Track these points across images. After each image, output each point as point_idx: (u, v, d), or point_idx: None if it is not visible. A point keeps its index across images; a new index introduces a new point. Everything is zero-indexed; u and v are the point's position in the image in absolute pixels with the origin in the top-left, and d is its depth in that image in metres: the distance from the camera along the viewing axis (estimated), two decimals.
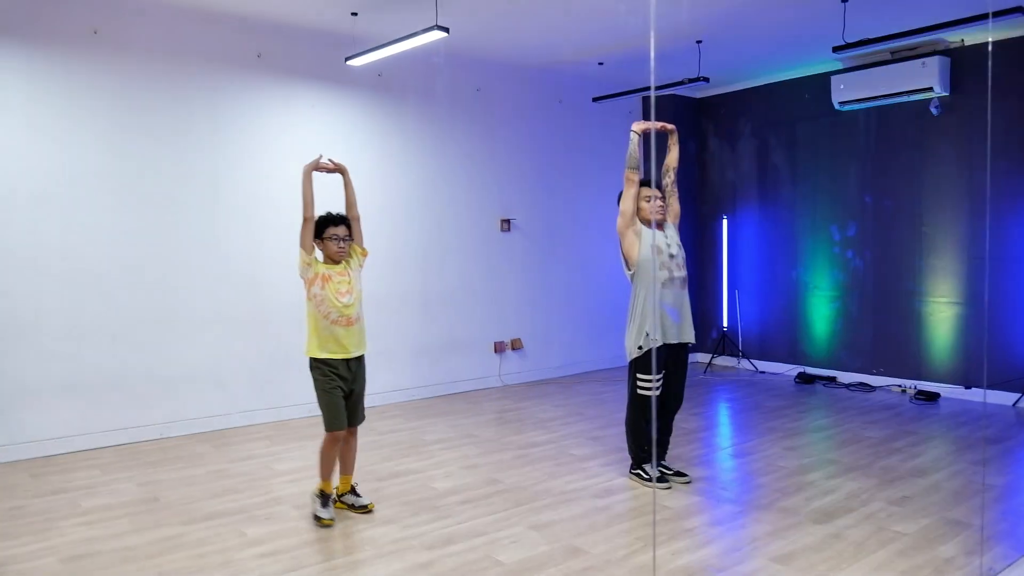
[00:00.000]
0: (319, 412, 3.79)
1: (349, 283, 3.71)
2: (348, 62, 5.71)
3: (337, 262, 3.74)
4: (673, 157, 4.43)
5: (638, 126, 4.22)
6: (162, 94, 5.29)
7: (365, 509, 3.84)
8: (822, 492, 4.11)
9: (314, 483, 4.24)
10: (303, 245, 3.68)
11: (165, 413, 5.36)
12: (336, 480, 3.94)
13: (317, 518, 3.72)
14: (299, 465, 4.69)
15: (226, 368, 5.62)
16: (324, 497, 3.76)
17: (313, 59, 5.96)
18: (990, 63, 5.89)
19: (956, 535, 3.50)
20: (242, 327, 5.68)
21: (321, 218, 3.73)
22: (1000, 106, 6.03)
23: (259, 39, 5.70)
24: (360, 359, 3.81)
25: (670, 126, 4.37)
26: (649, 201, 4.24)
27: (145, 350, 5.28)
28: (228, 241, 5.61)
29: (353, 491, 3.91)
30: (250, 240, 5.71)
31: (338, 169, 3.85)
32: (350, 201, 3.86)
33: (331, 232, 3.71)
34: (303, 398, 5.84)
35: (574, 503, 3.99)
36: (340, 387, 3.73)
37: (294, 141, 5.88)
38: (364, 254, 3.88)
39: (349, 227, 3.77)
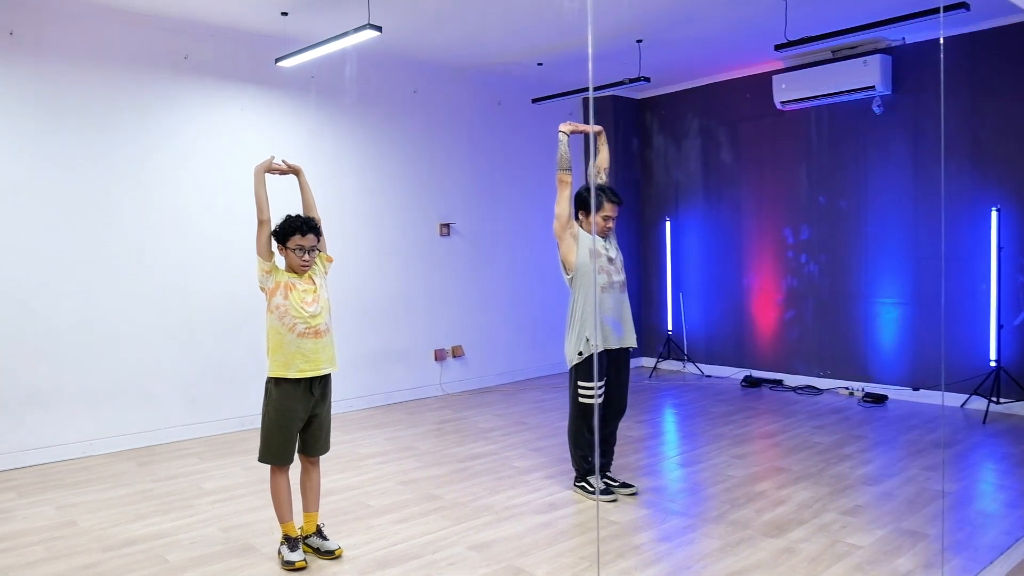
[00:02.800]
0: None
1: (315, 291, 3.29)
2: (279, 63, 5.51)
3: (299, 274, 3.31)
4: (603, 158, 4.31)
5: (566, 127, 4.14)
6: (84, 97, 5.03)
7: (332, 555, 3.33)
8: (773, 503, 3.94)
9: (247, 502, 4.09)
10: (260, 252, 3.24)
11: (88, 430, 5.05)
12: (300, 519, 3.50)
13: (286, 563, 3.23)
14: (229, 483, 4.41)
15: (153, 381, 5.31)
16: (290, 541, 3.28)
17: (242, 60, 5.69)
18: (942, 58, 5.86)
19: (913, 546, 3.36)
20: (170, 338, 5.39)
21: (287, 223, 3.25)
22: (939, 105, 6.01)
23: (185, 40, 5.43)
24: (329, 378, 3.38)
25: (596, 127, 4.24)
26: (608, 220, 4.11)
27: (66, 363, 4.98)
28: (154, 248, 5.33)
29: (319, 532, 3.40)
30: (178, 247, 5.43)
31: (292, 170, 3.46)
32: (308, 203, 3.46)
33: (296, 242, 3.24)
34: (236, 411, 5.56)
35: (516, 520, 3.74)
36: (300, 416, 3.27)
37: (224, 145, 5.62)
38: (329, 260, 3.47)
39: (318, 235, 3.31)
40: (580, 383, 4.06)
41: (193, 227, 5.48)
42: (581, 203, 4.17)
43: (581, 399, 4.06)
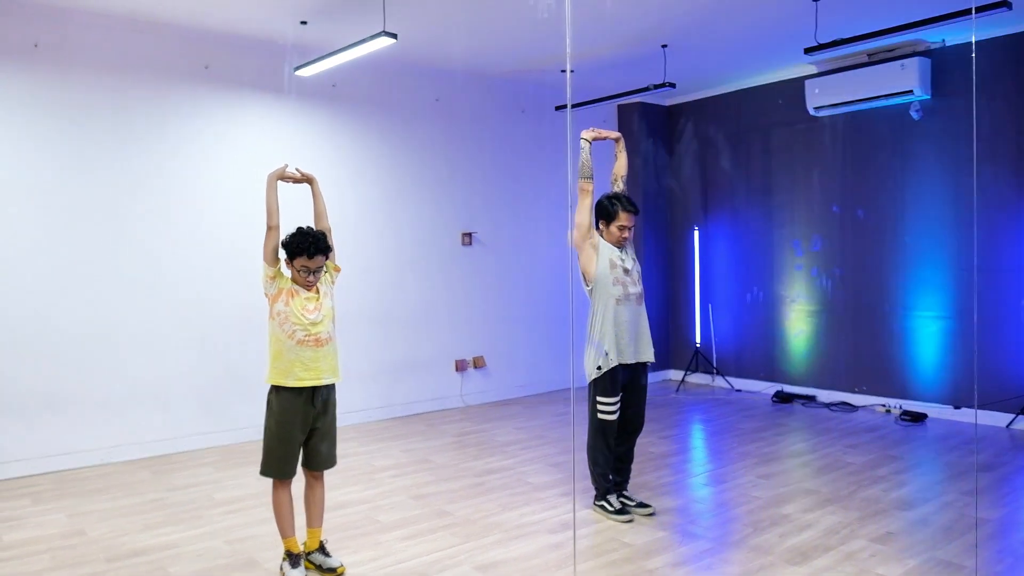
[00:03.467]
0: None
1: (318, 299, 3.21)
2: (297, 72, 5.48)
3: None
4: (621, 165, 4.20)
5: (588, 133, 4.06)
6: (105, 107, 5.08)
7: (334, 573, 3.23)
8: (798, 527, 3.74)
9: (256, 514, 4.03)
10: (266, 258, 3.18)
11: (107, 437, 5.07)
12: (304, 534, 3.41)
13: None
14: (241, 494, 4.38)
15: (171, 389, 5.31)
16: (292, 557, 3.20)
17: (262, 69, 5.68)
18: (974, 60, 5.59)
19: None
20: (188, 346, 5.38)
21: (296, 241, 3.15)
22: (984, 109, 5.74)
23: (206, 50, 5.44)
24: (331, 389, 3.29)
25: (615, 133, 4.20)
26: (624, 230, 3.98)
27: (84, 370, 4.99)
28: (173, 256, 5.34)
29: (322, 549, 3.31)
30: (197, 255, 5.43)
31: (306, 179, 3.39)
32: (320, 212, 3.39)
33: (302, 263, 3.15)
34: (253, 420, 5.53)
35: (526, 539, 3.60)
36: (301, 428, 3.18)
37: (243, 153, 5.62)
38: (337, 270, 3.38)
39: (327, 255, 3.22)
40: (599, 398, 3.92)
41: (212, 235, 5.47)
42: (600, 212, 4.05)
43: (600, 415, 3.92)
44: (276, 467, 3.17)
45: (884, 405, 6.33)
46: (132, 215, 5.15)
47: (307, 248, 3.15)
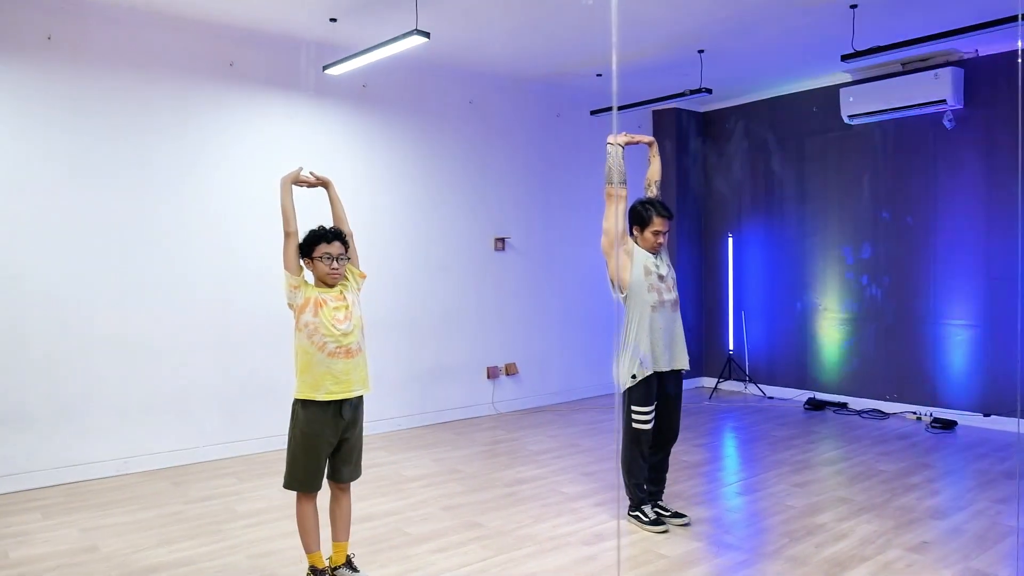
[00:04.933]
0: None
1: (347, 308, 3.12)
2: (326, 71, 5.42)
3: (331, 285, 3.16)
4: (655, 170, 4.20)
5: (618, 138, 3.97)
6: (124, 104, 4.95)
7: None
8: (834, 537, 3.75)
9: (280, 527, 3.97)
10: (288, 267, 3.09)
11: (123, 447, 4.94)
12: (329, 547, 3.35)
13: None
14: (263, 506, 4.31)
15: (191, 397, 5.22)
16: (317, 572, 3.15)
17: (290, 68, 5.64)
18: (1020, 63, 5.52)
19: None
20: (209, 352, 5.29)
21: (311, 234, 3.13)
22: (1015, 119, 5.69)
23: (231, 46, 5.38)
24: (360, 400, 3.22)
25: (648, 138, 4.18)
26: (659, 235, 3.99)
27: (101, 378, 4.86)
28: (196, 259, 5.25)
29: (349, 564, 3.25)
30: (220, 259, 5.35)
31: (321, 183, 3.30)
32: (339, 217, 3.30)
33: (322, 250, 3.09)
34: (277, 428, 5.51)
35: (560, 551, 3.63)
36: (328, 440, 3.12)
37: (270, 155, 5.56)
38: (362, 276, 3.30)
39: (345, 244, 3.17)
40: (634, 407, 3.92)
41: (234, 239, 5.37)
42: (634, 218, 4.06)
43: (635, 424, 3.93)
44: (301, 480, 3.10)
45: (915, 412, 6.29)
46: (149, 217, 5.02)
47: (324, 234, 3.11)
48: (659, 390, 3.96)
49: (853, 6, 4.82)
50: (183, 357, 5.19)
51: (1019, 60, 5.50)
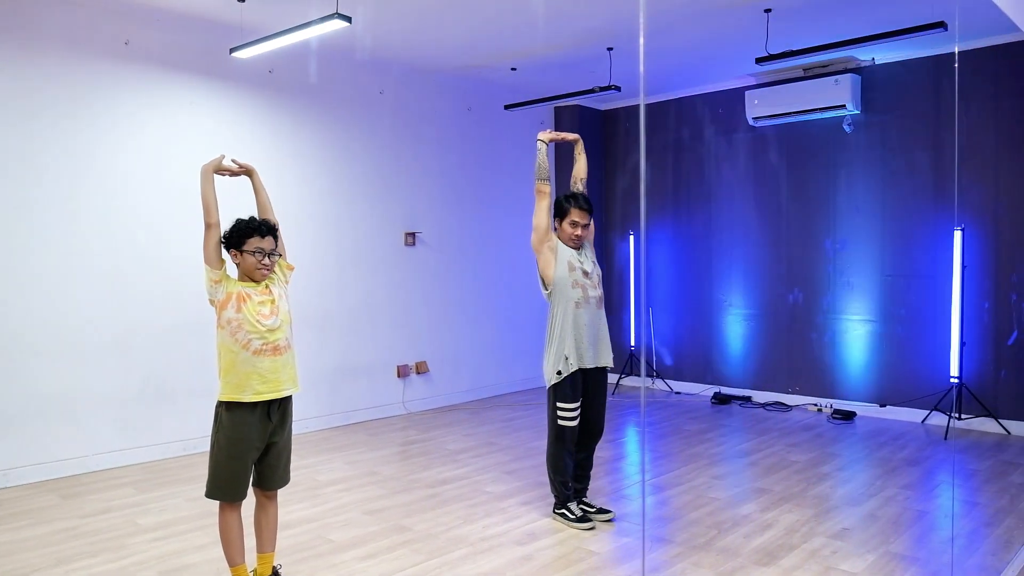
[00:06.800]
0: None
1: (273, 303, 2.94)
2: (234, 54, 5.09)
3: (258, 281, 2.97)
4: (581, 167, 4.17)
5: (544, 135, 4.00)
6: (7, 83, 4.50)
7: None
8: (760, 527, 3.81)
9: (191, 539, 3.68)
10: (208, 260, 2.89)
11: (3, 458, 4.49)
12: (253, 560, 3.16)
13: None
14: (169, 518, 3.99)
15: (81, 402, 4.79)
16: None
17: (193, 49, 5.28)
18: (957, 73, 5.82)
19: (904, 571, 3.25)
20: (101, 353, 4.88)
21: (241, 225, 2.93)
22: (908, 124, 6.04)
23: (126, 24, 4.97)
24: (289, 400, 3.03)
25: (573, 136, 4.15)
26: (576, 227, 3.93)
27: None
28: (86, 253, 4.82)
29: (276, 575, 3.09)
30: (111, 253, 4.93)
31: (244, 171, 3.13)
32: (263, 206, 3.13)
33: (254, 245, 2.90)
34: (177, 434, 5.15)
35: (494, 552, 3.52)
36: (255, 445, 2.92)
37: (169, 141, 5.19)
38: (290, 268, 3.13)
39: (276, 239, 2.99)
40: (559, 404, 3.87)
41: (130, 230, 5.00)
42: (555, 211, 4.02)
43: (560, 421, 3.87)
44: (227, 488, 2.89)
45: (816, 404, 6.56)
46: (32, 206, 4.60)
47: (257, 227, 2.91)
48: (585, 387, 3.92)
49: (767, 10, 4.95)
50: (71, 358, 4.75)
51: (955, 65, 5.80)
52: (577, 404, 3.86)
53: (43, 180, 4.66)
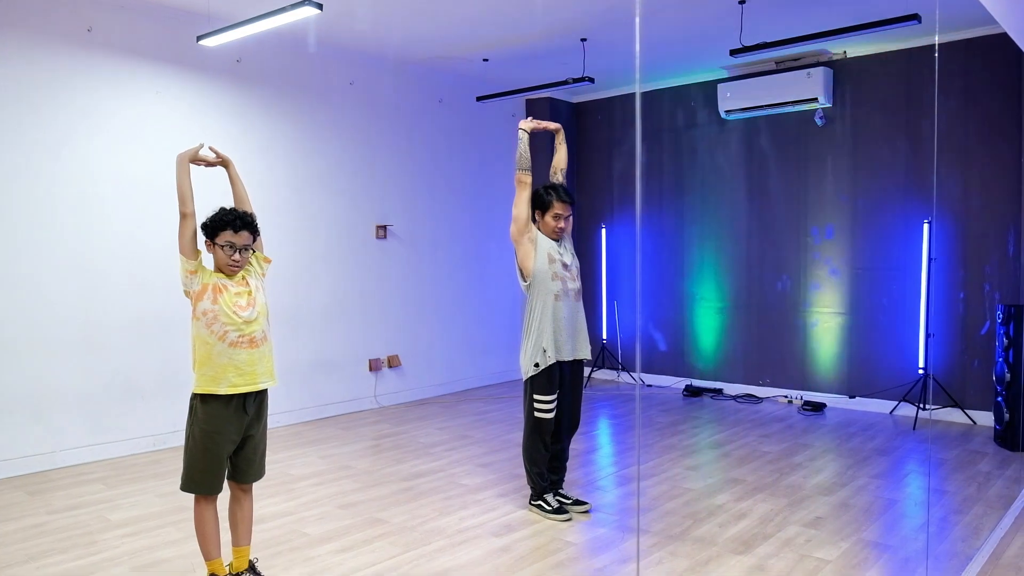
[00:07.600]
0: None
1: (250, 294, 2.90)
2: (201, 42, 4.99)
3: (229, 276, 2.91)
4: (561, 157, 4.15)
5: (526, 124, 3.97)
6: None
7: None
8: (735, 517, 3.83)
9: (163, 535, 3.62)
10: (184, 250, 2.83)
11: None
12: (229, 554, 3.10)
13: None
14: (140, 513, 3.92)
15: (48, 397, 4.68)
16: None
17: (158, 37, 5.15)
18: (936, 65, 5.86)
19: (878, 558, 3.29)
20: (68, 347, 4.77)
21: (217, 218, 2.88)
22: (880, 118, 6.11)
23: (88, 10, 4.83)
24: (265, 394, 2.99)
25: (555, 125, 4.13)
26: (559, 219, 3.90)
27: None
28: (51, 246, 4.70)
29: (252, 569, 3.03)
30: (79, 245, 4.82)
31: (221, 162, 3.09)
32: (240, 197, 3.08)
33: (225, 238, 2.85)
34: (146, 429, 5.04)
35: (471, 544, 3.50)
36: (231, 438, 2.88)
37: (134, 132, 5.06)
38: (267, 261, 3.09)
39: (254, 233, 2.95)
40: (536, 396, 3.85)
41: (97, 223, 4.87)
42: (536, 203, 3.98)
43: (537, 413, 3.86)
44: (202, 482, 2.85)
45: (786, 396, 6.63)
46: None
47: (232, 221, 2.85)
48: (562, 379, 3.91)
49: (742, 2, 4.97)
50: (37, 352, 4.63)
51: (936, 55, 5.85)
52: (554, 396, 3.85)
53: (4, 172, 4.52)
